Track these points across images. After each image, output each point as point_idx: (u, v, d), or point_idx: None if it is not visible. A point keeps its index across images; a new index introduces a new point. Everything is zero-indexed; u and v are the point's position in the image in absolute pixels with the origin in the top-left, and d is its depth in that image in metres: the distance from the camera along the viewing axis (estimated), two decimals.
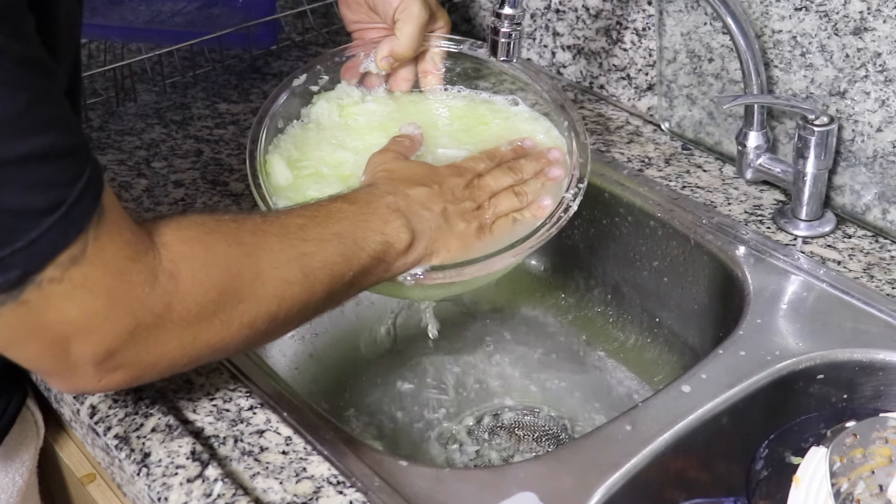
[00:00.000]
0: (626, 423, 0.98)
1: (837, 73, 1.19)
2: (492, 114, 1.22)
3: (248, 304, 0.87)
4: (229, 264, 0.87)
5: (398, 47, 1.18)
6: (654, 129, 1.44)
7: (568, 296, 1.40)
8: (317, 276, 0.92)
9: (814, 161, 1.18)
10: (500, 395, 1.29)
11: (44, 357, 0.81)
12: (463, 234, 1.05)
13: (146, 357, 0.83)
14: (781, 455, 1.05)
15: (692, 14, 1.32)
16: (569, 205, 1.10)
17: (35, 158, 0.74)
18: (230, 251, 0.87)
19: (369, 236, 0.97)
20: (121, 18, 1.63)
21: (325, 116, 1.20)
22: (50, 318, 0.78)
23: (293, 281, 0.90)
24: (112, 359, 0.81)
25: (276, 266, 0.89)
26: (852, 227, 1.23)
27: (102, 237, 0.78)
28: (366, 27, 1.23)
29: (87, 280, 0.78)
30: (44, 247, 0.75)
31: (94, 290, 0.78)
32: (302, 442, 0.96)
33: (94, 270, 0.78)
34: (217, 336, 0.87)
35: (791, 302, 1.12)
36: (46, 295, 0.76)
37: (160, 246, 0.83)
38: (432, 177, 1.07)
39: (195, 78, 1.62)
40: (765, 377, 1.03)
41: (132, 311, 0.80)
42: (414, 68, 1.23)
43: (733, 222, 1.23)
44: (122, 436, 0.96)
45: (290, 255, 0.91)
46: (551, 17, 1.55)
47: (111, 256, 0.79)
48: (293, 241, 0.92)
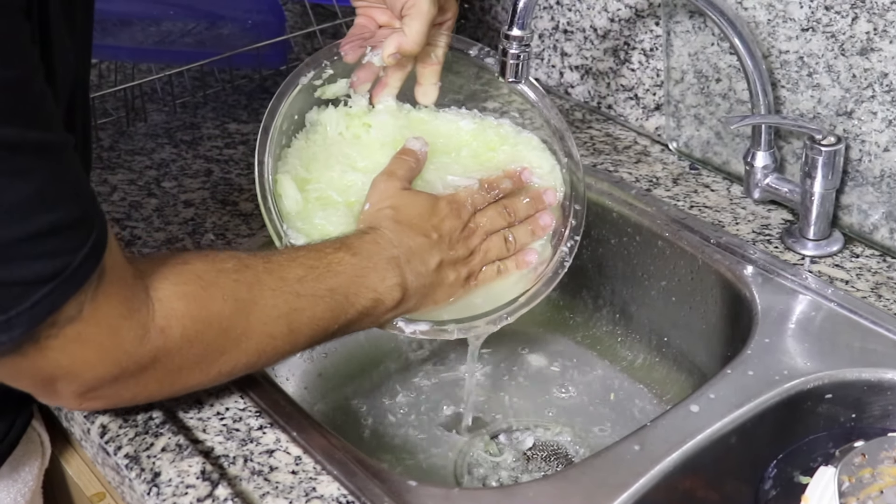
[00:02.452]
0: (635, 442, 0.98)
1: (844, 94, 1.20)
2: (500, 139, 1.22)
3: (229, 356, 0.93)
4: (220, 322, 0.91)
5: (406, 44, 1.15)
6: (661, 149, 1.45)
7: (576, 315, 1.41)
8: (302, 331, 0.97)
9: (821, 181, 1.18)
10: (509, 414, 1.29)
11: (30, 388, 0.89)
12: (451, 284, 1.10)
13: (125, 393, 0.91)
14: (790, 475, 1.05)
15: (699, 34, 1.33)
16: (564, 262, 1.16)
17: (44, 234, 0.78)
18: (224, 308, 0.91)
19: (362, 293, 1.01)
20: (131, 39, 1.63)
21: (332, 126, 1.18)
22: (41, 365, 0.83)
23: (278, 336, 0.95)
24: (93, 393, 0.88)
25: (264, 322, 0.94)
26: (860, 246, 1.23)
27: (99, 297, 0.83)
28: (372, 7, 1.20)
29: (81, 335, 0.83)
30: (44, 307, 0.79)
31: (86, 344, 0.84)
32: (311, 462, 0.96)
33: (89, 328, 0.83)
34: (194, 380, 0.95)
35: (799, 321, 1.12)
36: (41, 347, 0.81)
37: (155, 301, 0.87)
38: (432, 219, 1.09)
39: (205, 98, 1.63)
40: (773, 397, 1.03)
41: (118, 362, 0.86)
42: (409, 66, 1.22)
43: (741, 242, 1.23)
44: (132, 455, 0.96)
45: (282, 311, 0.95)
46: (559, 38, 1.55)
47: (105, 314, 0.84)
48: (287, 297, 0.96)
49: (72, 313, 0.81)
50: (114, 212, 1.33)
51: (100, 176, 1.42)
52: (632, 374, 1.33)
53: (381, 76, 1.20)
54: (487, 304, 1.14)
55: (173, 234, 1.29)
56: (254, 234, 1.29)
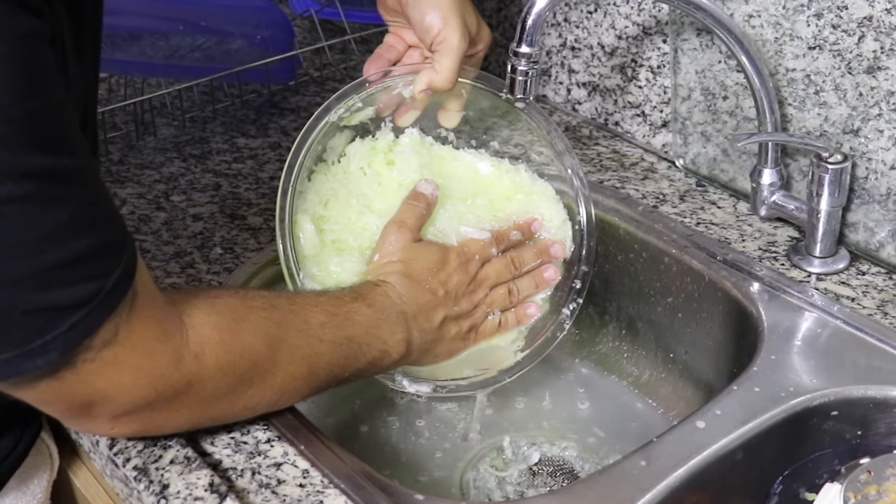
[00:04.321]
0: (641, 458, 0.98)
1: (851, 112, 1.20)
2: (514, 187, 1.22)
3: (256, 391, 0.95)
4: (252, 355, 0.93)
5: (437, 82, 1.12)
6: (668, 166, 1.45)
7: (582, 331, 1.41)
8: (320, 375, 1.00)
9: (828, 198, 1.18)
10: (515, 429, 1.29)
11: (65, 412, 0.89)
12: (452, 339, 1.13)
13: (157, 419, 0.92)
14: (796, 491, 1.05)
15: (707, 52, 1.33)
16: (564, 324, 1.20)
17: (79, 259, 0.79)
18: (255, 342, 0.93)
19: (374, 344, 1.04)
20: (141, 53, 1.64)
21: (355, 160, 1.18)
22: (78, 389, 0.84)
23: (299, 377, 0.98)
24: (126, 418, 0.89)
25: (289, 361, 0.96)
26: (866, 264, 1.23)
27: (133, 320, 0.84)
28: (402, 26, 1.18)
29: (117, 359, 0.84)
30: (80, 331, 0.80)
31: (122, 367, 0.85)
32: (319, 475, 0.97)
33: (124, 351, 0.84)
34: (221, 412, 0.96)
35: (805, 338, 1.13)
36: (78, 372, 0.82)
37: (189, 327, 0.89)
38: (440, 274, 1.11)
39: (214, 112, 1.64)
40: (779, 413, 1.03)
41: (155, 386, 0.87)
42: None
43: (747, 259, 1.24)
44: (140, 467, 0.97)
45: (305, 352, 0.98)
46: (567, 55, 1.56)
47: (140, 337, 0.85)
48: (311, 340, 0.98)
49: (108, 337, 0.82)
50: None
51: (109, 189, 1.42)
52: (638, 390, 1.33)
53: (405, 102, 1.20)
54: (484, 360, 1.18)
55: (182, 247, 1.30)
56: (262, 247, 1.29)
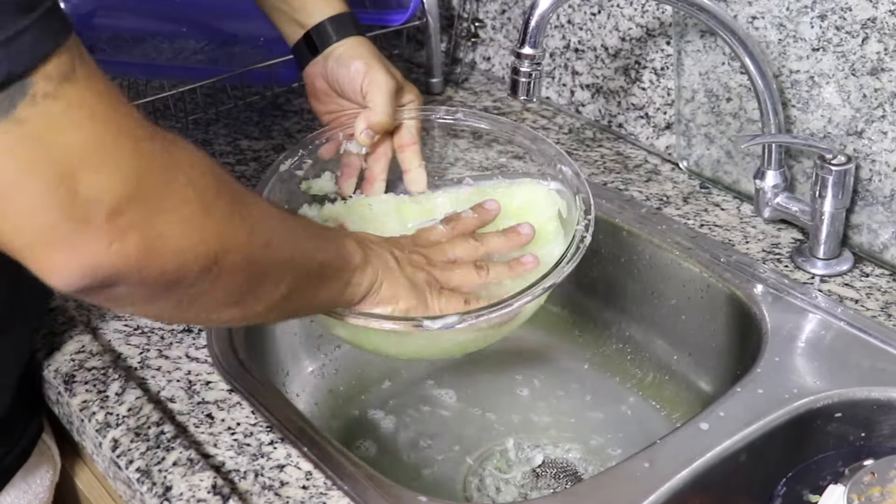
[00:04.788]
0: (645, 460, 0.98)
1: (855, 113, 1.20)
2: (492, 189, 1.21)
3: (244, 213, 0.84)
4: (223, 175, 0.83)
5: (373, 116, 1.17)
6: (672, 168, 1.45)
7: (585, 333, 1.41)
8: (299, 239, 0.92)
9: (831, 200, 1.18)
10: (518, 431, 1.29)
11: (50, 201, 0.71)
12: (412, 280, 1.03)
13: (158, 221, 0.75)
14: (799, 493, 1.05)
15: (710, 54, 1.33)
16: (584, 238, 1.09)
17: None
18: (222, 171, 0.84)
19: (329, 244, 0.97)
20: (144, 55, 1.64)
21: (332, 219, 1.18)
22: (51, 140, 0.71)
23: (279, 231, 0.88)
24: (123, 211, 0.73)
25: (263, 210, 0.88)
26: (870, 265, 1.23)
27: (89, 65, 0.73)
28: (339, 115, 1.23)
29: (84, 102, 0.72)
30: (24, 46, 0.69)
31: (93, 115, 0.72)
32: (322, 477, 0.97)
33: (89, 93, 0.72)
34: (222, 226, 0.81)
35: (809, 340, 1.13)
36: (43, 113, 0.70)
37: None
38: (390, 239, 1.08)
39: (217, 115, 1.64)
40: (783, 415, 1.03)
41: (136, 149, 0.74)
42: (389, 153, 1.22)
43: (751, 261, 1.24)
44: (143, 469, 0.97)
45: (274, 213, 0.90)
46: (570, 56, 1.56)
47: (103, 86, 0.74)
48: (275, 208, 0.93)
49: (65, 69, 0.70)
50: None
51: None
52: (641, 392, 1.33)
53: (364, 170, 1.20)
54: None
55: None
56: None
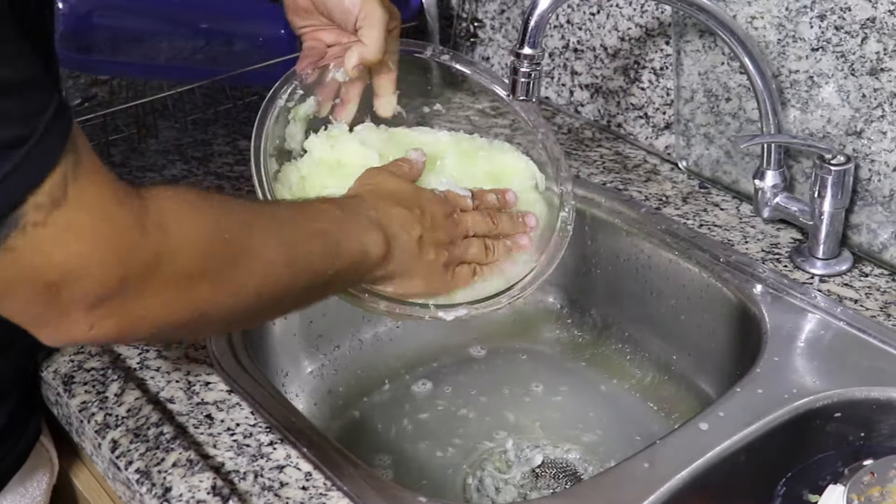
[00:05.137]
0: (644, 460, 0.98)
1: (854, 113, 1.20)
2: (475, 148, 1.21)
3: (236, 273, 0.85)
4: (221, 231, 0.85)
5: (368, 53, 1.14)
6: (671, 168, 1.45)
7: (585, 333, 1.41)
8: (300, 266, 0.91)
9: (830, 200, 1.18)
10: (517, 431, 1.29)
11: (34, 304, 0.77)
12: (431, 265, 1.05)
13: (135, 308, 0.80)
14: (799, 493, 1.05)
15: (709, 54, 1.33)
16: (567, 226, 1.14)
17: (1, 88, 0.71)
18: (221, 219, 0.85)
19: (351, 242, 0.97)
20: (142, 55, 1.64)
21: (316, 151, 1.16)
22: (38, 262, 0.74)
23: (278, 263, 0.89)
24: (102, 305, 0.78)
25: (264, 245, 0.88)
26: (869, 265, 1.23)
27: (82, 179, 0.75)
28: (317, 29, 1.19)
29: (72, 223, 0.75)
30: (16, 182, 0.72)
31: (80, 234, 0.75)
32: (322, 477, 0.97)
33: (79, 213, 0.75)
34: (205, 297, 0.84)
35: (808, 340, 1.13)
36: (32, 240, 0.73)
37: (147, 198, 0.80)
38: (415, 199, 1.06)
39: (216, 115, 1.64)
40: (782, 415, 1.03)
41: (121, 258, 0.77)
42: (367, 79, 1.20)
43: (750, 261, 1.24)
44: (143, 470, 0.97)
45: (279, 239, 0.90)
46: (569, 56, 1.56)
47: (95, 199, 0.76)
48: (282, 229, 0.91)
49: (56, 194, 0.73)
50: None
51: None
52: (641, 392, 1.33)
53: (341, 94, 1.19)
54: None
55: None
56: None
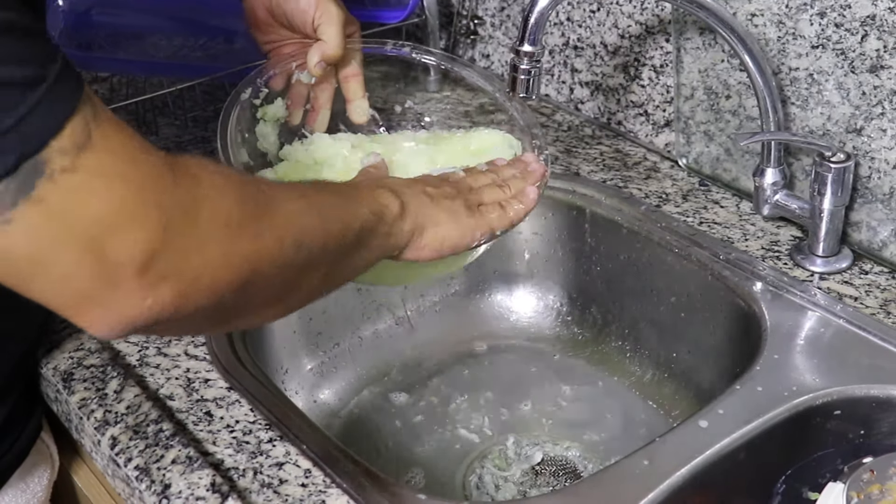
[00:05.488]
0: (644, 458, 0.98)
1: (854, 111, 1.20)
2: (450, 135, 1.22)
3: (271, 222, 0.82)
4: (244, 181, 0.83)
5: (328, 49, 1.15)
6: (671, 165, 1.45)
7: (585, 331, 1.41)
8: (327, 216, 0.89)
9: (830, 198, 1.18)
10: (517, 429, 1.29)
11: (81, 270, 0.71)
12: (450, 209, 1.03)
13: (187, 266, 0.75)
14: (799, 490, 1.05)
15: (709, 51, 1.33)
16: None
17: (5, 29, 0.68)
18: (246, 185, 0.83)
19: (364, 202, 0.95)
20: (142, 53, 1.64)
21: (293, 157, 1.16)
22: (74, 214, 0.70)
23: (308, 213, 0.87)
24: (153, 266, 0.72)
25: (288, 199, 0.86)
26: (869, 263, 1.23)
27: (104, 125, 0.72)
28: (281, 44, 1.21)
29: (102, 167, 0.71)
30: (35, 124, 0.69)
31: (112, 178, 0.71)
32: (321, 475, 0.97)
33: (106, 156, 0.71)
34: (250, 249, 0.80)
35: (808, 338, 1.13)
36: (62, 188, 0.69)
37: (168, 154, 0.76)
38: (416, 179, 1.06)
39: (216, 112, 1.61)
40: (782, 413, 1.03)
41: (159, 203, 0.73)
42: (334, 83, 1.20)
43: (750, 258, 1.24)
44: (142, 467, 0.97)
45: (300, 193, 0.88)
46: (569, 54, 1.56)
47: (120, 144, 0.73)
48: (301, 195, 0.89)
49: (79, 139, 0.70)
50: None
51: None
52: (640, 390, 1.33)
53: (311, 98, 1.19)
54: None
55: None
56: None
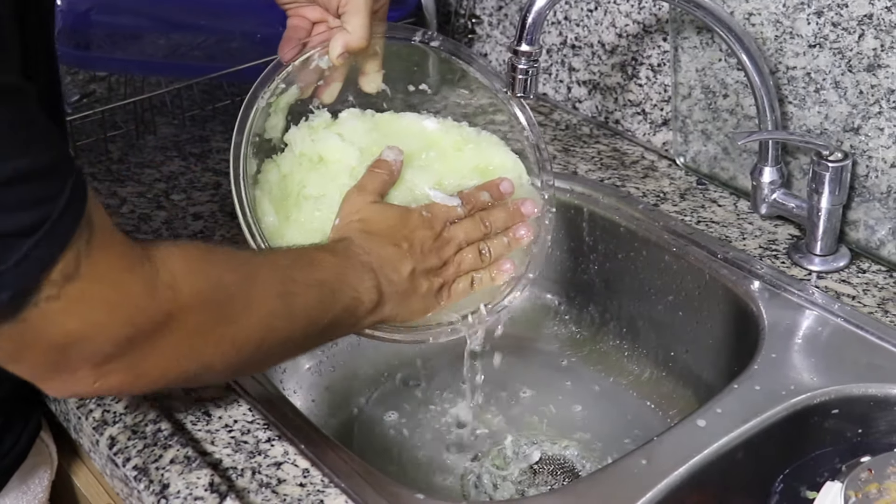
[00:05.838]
0: (642, 457, 0.98)
1: (851, 110, 1.20)
2: (463, 140, 1.20)
3: (239, 326, 0.89)
4: (226, 287, 0.88)
5: (352, 41, 1.10)
6: (669, 164, 1.45)
7: (583, 330, 1.41)
8: (298, 316, 0.95)
9: (828, 196, 1.18)
10: (516, 428, 1.29)
11: (41, 365, 0.81)
12: (425, 294, 1.08)
13: (142, 363, 0.84)
14: (797, 490, 1.05)
15: (707, 50, 1.33)
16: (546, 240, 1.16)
17: (17, 180, 0.73)
18: (225, 275, 0.89)
19: (345, 290, 1.00)
20: (141, 52, 1.64)
21: (297, 146, 1.15)
22: (49, 331, 0.78)
23: (278, 315, 0.93)
24: (110, 362, 0.81)
25: (265, 298, 0.92)
26: (867, 262, 1.23)
27: (95, 252, 0.78)
28: (301, 5, 1.15)
29: (84, 294, 0.78)
30: (31, 265, 0.75)
31: (92, 303, 0.79)
32: (319, 474, 0.96)
33: (91, 285, 0.78)
34: (209, 352, 0.88)
35: (806, 337, 1.13)
36: (44, 312, 0.76)
37: (157, 259, 0.83)
38: (403, 230, 1.08)
39: (214, 111, 1.64)
40: (780, 412, 1.03)
41: (132, 320, 0.81)
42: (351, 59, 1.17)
43: (748, 257, 1.24)
44: (141, 467, 0.97)
45: (278, 290, 0.93)
46: (567, 53, 1.56)
47: (106, 269, 0.79)
48: (282, 278, 0.95)
49: (68, 270, 0.76)
50: (123, 224, 1.34)
51: (109, 188, 1.43)
52: (638, 389, 1.33)
53: (325, 75, 1.16)
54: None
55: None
56: None
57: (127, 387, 0.87)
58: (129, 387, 0.87)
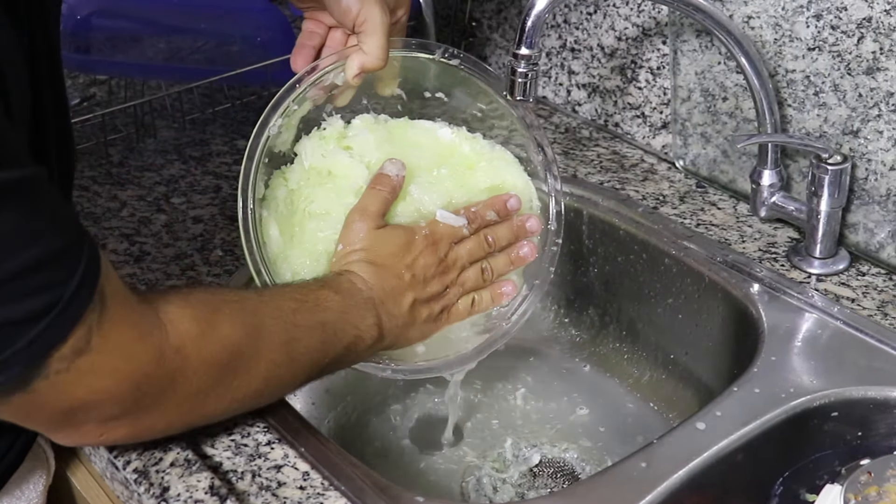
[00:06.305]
0: (641, 460, 0.98)
1: (851, 113, 1.20)
2: (476, 156, 1.19)
3: (241, 381, 0.93)
4: (232, 345, 0.91)
5: (368, 62, 1.09)
6: (668, 167, 1.45)
7: (582, 332, 1.41)
8: (300, 361, 0.98)
9: (827, 199, 1.18)
10: (515, 431, 1.29)
11: (48, 424, 0.86)
12: (424, 322, 1.10)
13: (146, 420, 0.89)
14: (796, 492, 1.05)
15: (706, 53, 1.33)
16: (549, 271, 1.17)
17: (27, 271, 0.75)
18: (233, 332, 0.92)
19: (347, 329, 1.02)
20: (141, 55, 1.64)
21: (308, 159, 1.13)
22: (58, 400, 0.82)
23: (280, 364, 0.96)
24: (114, 421, 0.87)
25: (269, 349, 0.95)
26: (866, 264, 1.23)
27: (106, 325, 0.81)
28: (320, 8, 1.14)
29: (94, 366, 0.81)
30: (42, 345, 0.77)
31: (100, 374, 0.82)
32: (319, 477, 0.97)
33: (101, 357, 0.81)
34: (211, 407, 0.94)
35: (805, 339, 1.13)
36: (54, 384, 0.79)
37: (166, 323, 0.86)
38: (406, 258, 1.08)
39: (214, 114, 1.64)
40: (779, 414, 1.03)
41: (139, 386, 0.85)
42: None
43: (747, 260, 1.24)
44: (141, 470, 0.97)
45: (283, 338, 0.96)
46: (567, 56, 1.56)
47: (117, 342, 0.82)
48: (286, 326, 0.97)
49: (79, 345, 0.79)
50: (123, 227, 1.34)
51: (109, 192, 1.43)
52: (638, 392, 1.33)
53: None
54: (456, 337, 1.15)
55: (182, 249, 1.30)
56: None
57: (132, 439, 0.95)
58: (133, 438, 0.95)
